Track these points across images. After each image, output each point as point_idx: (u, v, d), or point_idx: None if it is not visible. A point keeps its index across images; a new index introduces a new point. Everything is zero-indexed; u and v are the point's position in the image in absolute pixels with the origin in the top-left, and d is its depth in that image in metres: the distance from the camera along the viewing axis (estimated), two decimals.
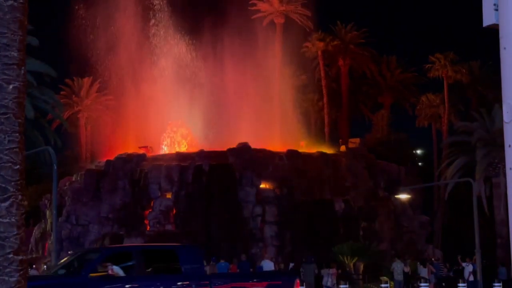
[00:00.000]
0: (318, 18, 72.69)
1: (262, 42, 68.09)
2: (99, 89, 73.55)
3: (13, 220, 5.87)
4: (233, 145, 54.85)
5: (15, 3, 6.05)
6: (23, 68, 6.23)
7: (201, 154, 53.15)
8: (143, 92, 64.11)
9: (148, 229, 49.43)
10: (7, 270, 5.79)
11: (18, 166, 5.99)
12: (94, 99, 73.23)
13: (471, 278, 36.19)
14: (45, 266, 44.01)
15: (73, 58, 66.84)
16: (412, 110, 74.27)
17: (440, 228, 61.02)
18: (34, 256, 51.40)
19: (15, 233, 5.89)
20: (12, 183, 5.90)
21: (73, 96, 72.37)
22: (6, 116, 5.95)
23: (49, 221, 52.05)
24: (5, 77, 5.99)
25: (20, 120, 6.10)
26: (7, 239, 5.83)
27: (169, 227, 48.96)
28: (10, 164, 5.91)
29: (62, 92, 70.66)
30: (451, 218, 62.79)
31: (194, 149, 56.20)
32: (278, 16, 71.45)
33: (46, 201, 54.64)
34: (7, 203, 5.86)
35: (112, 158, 55.61)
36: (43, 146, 43.79)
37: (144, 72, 64.54)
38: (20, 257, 5.96)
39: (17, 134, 6.04)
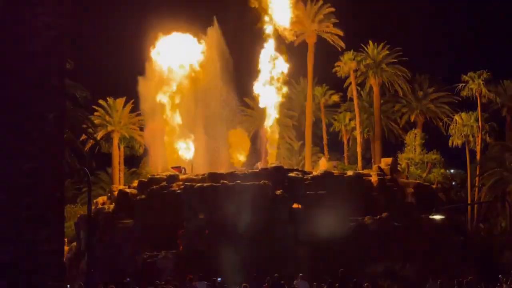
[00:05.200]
0: (349, 37, 72.73)
1: (293, 61, 68.12)
2: (132, 109, 74.09)
3: (53, 247, 5.95)
4: (265, 165, 54.90)
5: (58, 34, 6.17)
6: (63, 96, 6.34)
7: (234, 174, 53.21)
8: None
9: (181, 249, 49.49)
10: None
11: (58, 194, 6.08)
12: (127, 120, 73.77)
13: None
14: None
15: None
16: (445, 129, 73.72)
17: (475, 248, 60.23)
18: (67, 276, 51.70)
19: (56, 260, 5.96)
20: (53, 210, 5.98)
21: (107, 116, 72.96)
22: (48, 144, 6.04)
23: (82, 241, 52.39)
24: (47, 106, 6.09)
25: (61, 148, 6.19)
26: (47, 266, 5.90)
27: (201, 247, 48.94)
28: (51, 192, 6.00)
29: (95, 113, 71.25)
30: (486, 239, 62.02)
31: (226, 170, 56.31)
32: (309, 35, 71.46)
33: (80, 221, 55.00)
34: (48, 231, 5.94)
35: (145, 178, 55.99)
36: (77, 167, 44.34)
37: None
38: (59, 284, 6.03)
39: (58, 162, 6.12)
